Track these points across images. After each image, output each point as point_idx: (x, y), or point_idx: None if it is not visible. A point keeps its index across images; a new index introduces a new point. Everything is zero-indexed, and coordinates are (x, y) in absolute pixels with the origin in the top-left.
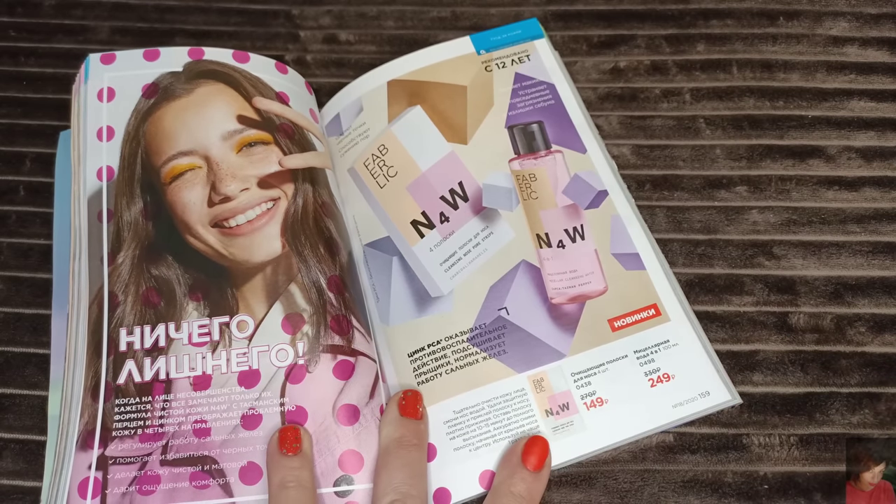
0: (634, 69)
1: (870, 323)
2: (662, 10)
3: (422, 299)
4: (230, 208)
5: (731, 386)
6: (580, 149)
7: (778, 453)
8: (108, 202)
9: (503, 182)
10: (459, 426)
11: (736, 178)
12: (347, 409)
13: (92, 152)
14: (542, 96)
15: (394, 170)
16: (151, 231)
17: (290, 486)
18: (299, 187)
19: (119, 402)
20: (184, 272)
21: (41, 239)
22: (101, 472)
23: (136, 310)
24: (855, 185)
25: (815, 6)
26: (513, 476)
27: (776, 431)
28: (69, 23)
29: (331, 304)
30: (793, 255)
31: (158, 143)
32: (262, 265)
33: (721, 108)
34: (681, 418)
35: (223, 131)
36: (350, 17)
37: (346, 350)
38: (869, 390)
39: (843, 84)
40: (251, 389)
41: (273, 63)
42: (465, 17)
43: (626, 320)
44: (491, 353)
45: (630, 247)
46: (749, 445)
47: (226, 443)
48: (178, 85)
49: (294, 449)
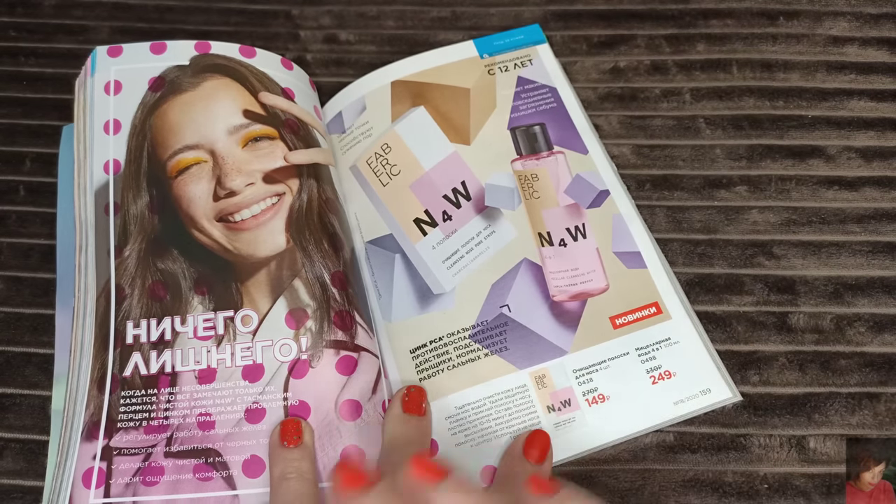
0: (634, 69)
1: (869, 323)
2: (662, 10)
3: (424, 296)
4: (235, 203)
5: (732, 383)
6: (582, 150)
7: (778, 454)
8: (115, 195)
9: (505, 182)
10: (461, 422)
11: (736, 177)
12: (350, 405)
13: (99, 145)
14: (544, 99)
15: (397, 168)
16: (157, 225)
17: (290, 478)
18: (304, 183)
19: (125, 394)
20: (189, 266)
21: (41, 239)
22: (106, 463)
23: (143, 303)
24: (855, 185)
25: (815, 6)
26: (514, 469)
27: (776, 432)
28: (69, 23)
29: (334, 300)
30: (793, 254)
31: (164, 136)
32: (266, 260)
33: (721, 108)
34: (682, 415)
35: (229, 126)
36: (350, 16)
37: (349, 346)
38: (868, 390)
39: (843, 84)
40: (255, 383)
41: (279, 59)
42: (465, 17)
43: (628, 318)
44: (493, 349)
45: (631, 245)
46: (749, 445)
47: (229, 436)
48: (184, 79)
49: (295, 441)
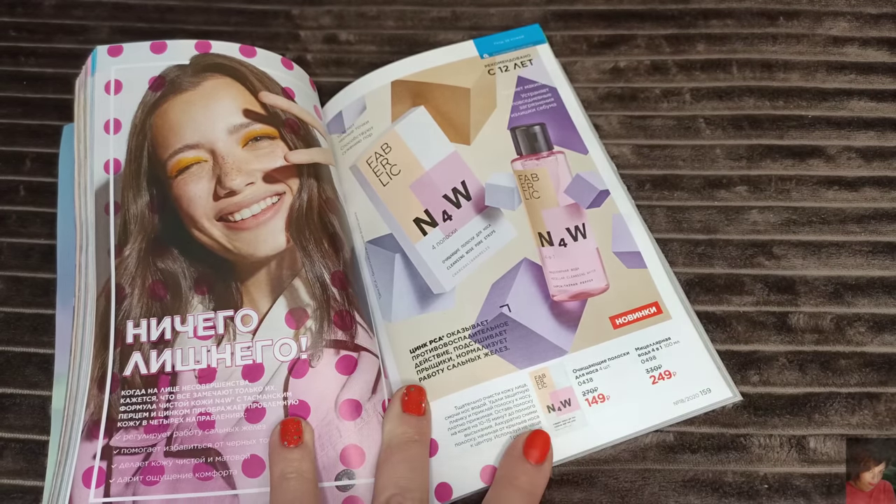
0: (634, 69)
1: (869, 323)
2: (662, 10)
3: (424, 296)
4: (235, 202)
5: (732, 383)
6: (582, 150)
7: (778, 454)
8: (116, 195)
9: (506, 182)
10: (461, 422)
11: (736, 177)
12: (350, 404)
13: (99, 145)
14: (544, 99)
15: (397, 168)
16: (157, 224)
17: (290, 478)
18: (304, 182)
19: (125, 393)
20: (189, 265)
21: (41, 239)
22: (106, 462)
23: (143, 302)
24: (855, 185)
25: (815, 6)
26: (514, 469)
27: (776, 432)
28: (69, 23)
29: (334, 300)
30: (793, 254)
31: (165, 136)
32: (266, 259)
33: (721, 108)
34: (682, 415)
35: (229, 125)
36: (350, 16)
37: (349, 345)
38: (868, 390)
39: (843, 84)
40: (255, 383)
41: (279, 58)
42: (465, 17)
43: (628, 318)
44: (493, 349)
45: (631, 245)
46: (749, 446)
47: (229, 435)
48: (184, 78)
49: (295, 441)
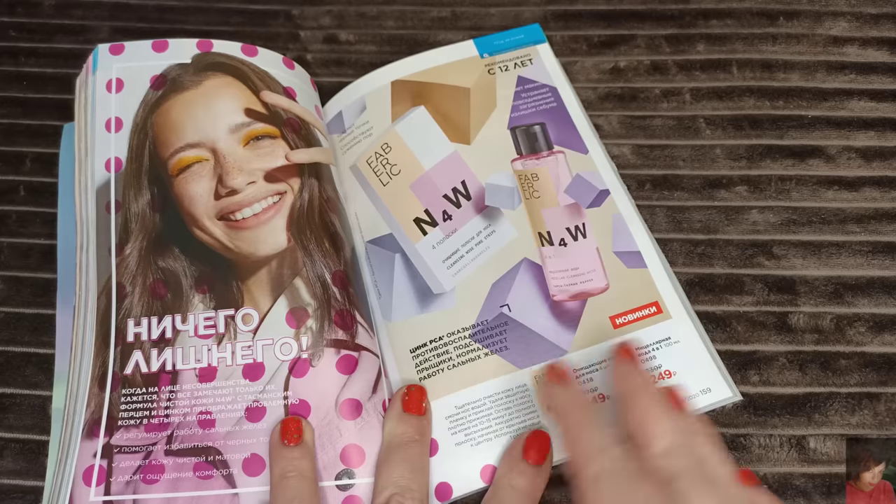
0: (634, 69)
1: (869, 323)
2: (662, 10)
3: (424, 296)
4: (236, 201)
5: (732, 383)
6: (582, 150)
7: (778, 453)
8: (117, 193)
9: (506, 181)
10: (461, 421)
11: (736, 177)
12: (350, 404)
13: (100, 143)
14: (544, 99)
15: (397, 168)
16: (158, 223)
17: (290, 477)
18: (305, 182)
19: (126, 391)
20: (190, 264)
21: (41, 239)
22: (106, 461)
23: (144, 301)
24: (855, 185)
25: (815, 6)
26: (513, 470)
27: (776, 432)
28: (69, 23)
29: (335, 299)
30: (793, 254)
31: (166, 134)
32: (267, 259)
33: (721, 108)
34: None
35: (230, 124)
36: (350, 17)
37: (350, 345)
38: (868, 390)
39: (843, 84)
40: (255, 382)
41: (280, 58)
42: (465, 17)
43: (628, 317)
44: (493, 349)
45: (632, 245)
46: (749, 445)
47: (230, 434)
48: (186, 77)
49: (295, 440)
